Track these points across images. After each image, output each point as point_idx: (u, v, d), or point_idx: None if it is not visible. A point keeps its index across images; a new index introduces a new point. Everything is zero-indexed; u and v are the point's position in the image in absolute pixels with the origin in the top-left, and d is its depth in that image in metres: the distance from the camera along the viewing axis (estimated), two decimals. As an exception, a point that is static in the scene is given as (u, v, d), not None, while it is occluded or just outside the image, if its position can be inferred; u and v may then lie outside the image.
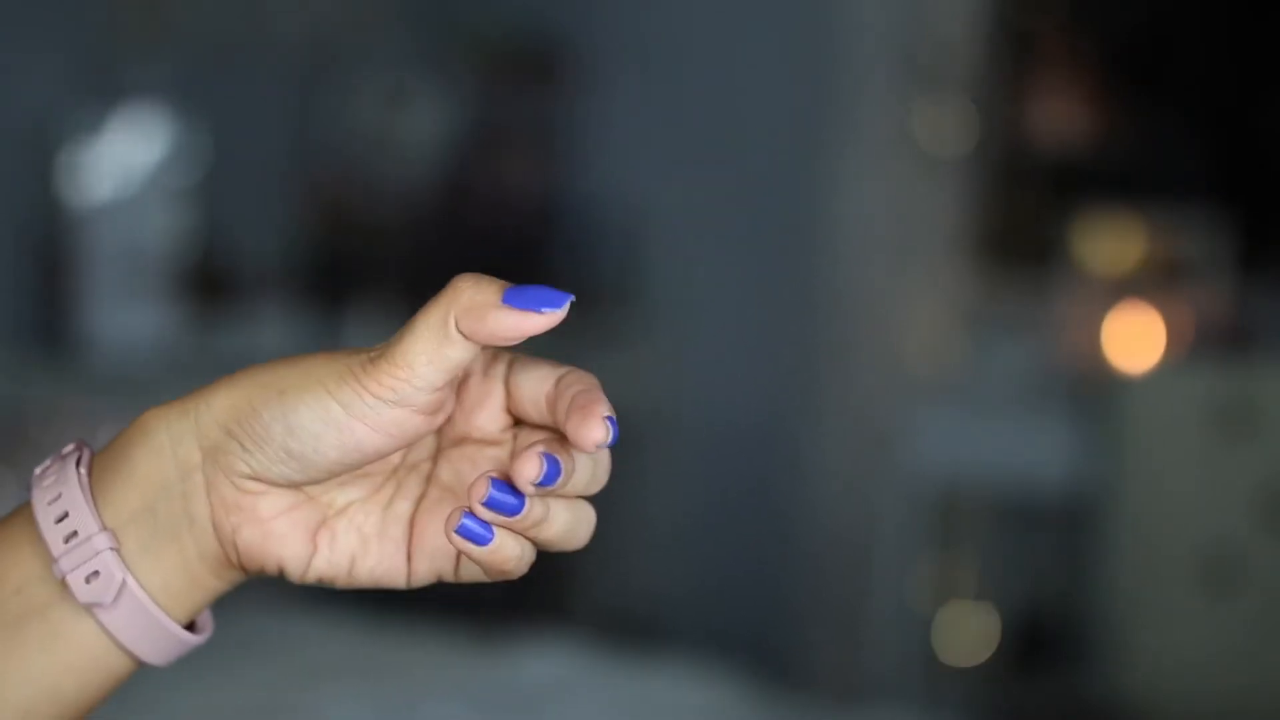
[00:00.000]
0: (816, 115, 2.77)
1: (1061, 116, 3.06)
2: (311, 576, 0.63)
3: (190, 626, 0.65)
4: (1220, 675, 2.37)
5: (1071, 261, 2.87)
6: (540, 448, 0.59)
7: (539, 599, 2.76)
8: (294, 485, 0.62)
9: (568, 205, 3.00)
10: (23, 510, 0.63)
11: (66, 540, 0.60)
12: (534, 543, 0.61)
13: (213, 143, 2.71)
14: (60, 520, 0.61)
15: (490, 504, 0.59)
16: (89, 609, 0.61)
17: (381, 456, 0.62)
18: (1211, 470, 2.39)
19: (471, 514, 0.59)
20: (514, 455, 0.62)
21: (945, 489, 2.76)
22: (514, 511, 0.59)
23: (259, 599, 2.05)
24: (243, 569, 0.63)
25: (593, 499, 0.63)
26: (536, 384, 0.63)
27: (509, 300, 0.58)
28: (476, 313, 0.58)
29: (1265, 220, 2.93)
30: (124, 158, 2.58)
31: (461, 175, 3.00)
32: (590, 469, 0.62)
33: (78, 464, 0.62)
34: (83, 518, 0.61)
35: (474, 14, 3.04)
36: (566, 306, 0.59)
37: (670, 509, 2.91)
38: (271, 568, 0.63)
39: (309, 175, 3.01)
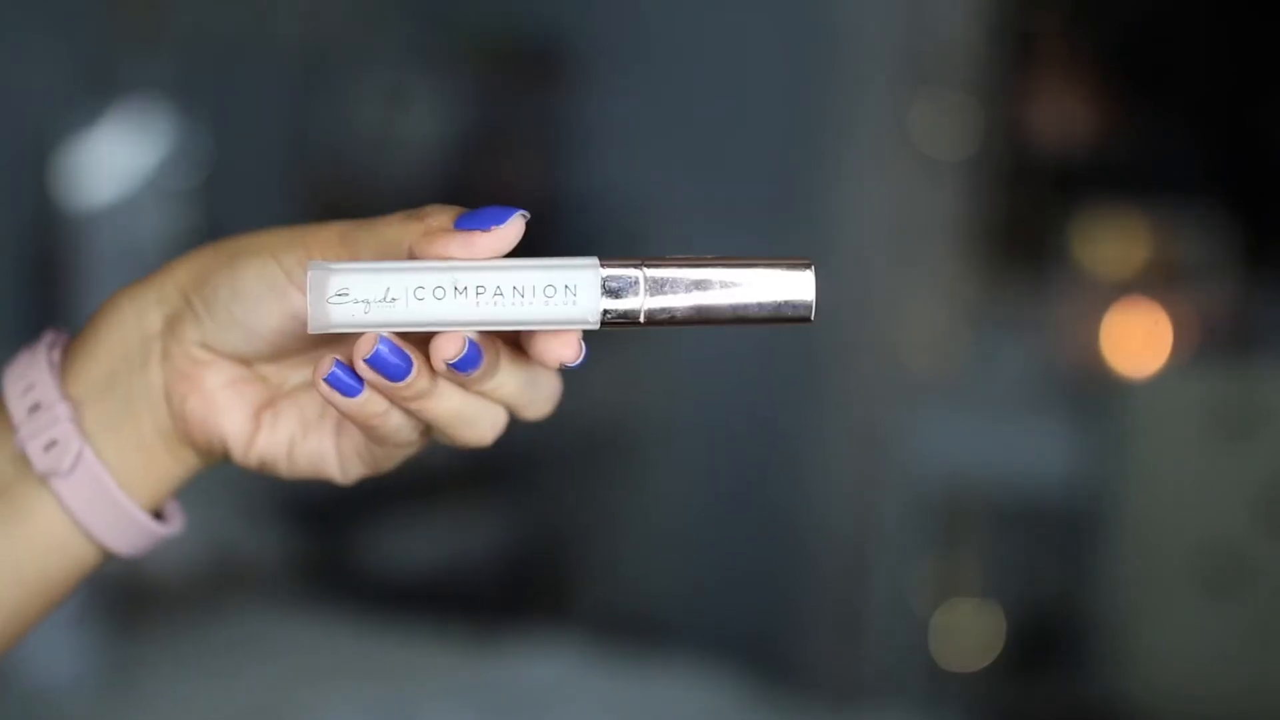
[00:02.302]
0: (817, 115, 2.77)
1: (1062, 116, 3.06)
2: (254, 457, 0.64)
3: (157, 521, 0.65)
4: (1221, 675, 2.37)
5: (1072, 261, 2.87)
6: (470, 333, 0.58)
7: (539, 599, 2.76)
8: (241, 358, 0.63)
9: (568, 205, 3.00)
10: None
11: (30, 412, 0.62)
12: (419, 419, 0.60)
13: (213, 143, 2.71)
14: (25, 393, 0.63)
15: (373, 361, 0.57)
16: (46, 479, 0.62)
17: None
18: (1213, 471, 2.39)
19: (345, 364, 0.58)
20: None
21: (946, 489, 2.76)
22: (396, 375, 0.57)
23: (259, 599, 2.05)
24: (194, 447, 0.64)
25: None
26: None
27: (461, 224, 0.58)
28: (429, 238, 0.58)
29: (1267, 221, 2.93)
30: (123, 158, 2.57)
31: (461, 175, 3.00)
32: (526, 382, 0.61)
33: (50, 347, 0.64)
34: (45, 390, 0.62)
35: (474, 14, 3.03)
36: (516, 220, 0.58)
37: (670, 508, 2.91)
38: (217, 443, 0.64)
39: (309, 175, 3.01)
